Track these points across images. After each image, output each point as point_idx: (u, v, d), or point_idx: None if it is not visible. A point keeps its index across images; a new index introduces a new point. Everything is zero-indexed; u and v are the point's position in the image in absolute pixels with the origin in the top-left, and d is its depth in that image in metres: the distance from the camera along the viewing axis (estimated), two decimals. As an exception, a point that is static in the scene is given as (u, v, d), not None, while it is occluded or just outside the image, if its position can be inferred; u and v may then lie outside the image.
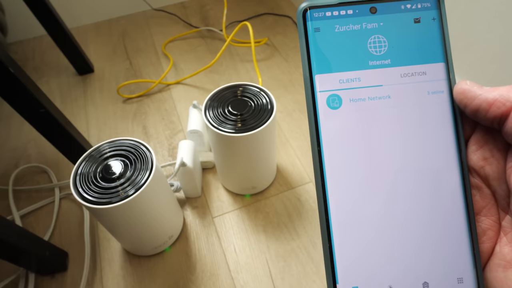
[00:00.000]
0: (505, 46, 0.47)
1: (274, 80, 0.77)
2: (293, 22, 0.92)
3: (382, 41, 0.19)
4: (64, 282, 0.51)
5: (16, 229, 0.44)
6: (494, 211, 0.18)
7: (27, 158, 0.67)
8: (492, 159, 0.18)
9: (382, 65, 0.19)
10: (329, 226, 0.18)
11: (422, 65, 0.19)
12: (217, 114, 0.48)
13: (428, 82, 0.19)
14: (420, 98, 0.19)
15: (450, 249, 0.18)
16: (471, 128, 0.19)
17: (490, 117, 0.16)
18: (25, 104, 0.46)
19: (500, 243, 0.18)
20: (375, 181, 0.18)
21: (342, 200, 0.18)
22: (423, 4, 0.19)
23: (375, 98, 0.19)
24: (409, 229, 0.18)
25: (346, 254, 0.18)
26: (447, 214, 0.18)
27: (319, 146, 0.19)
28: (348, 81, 0.19)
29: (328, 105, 0.19)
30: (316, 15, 0.19)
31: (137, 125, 0.72)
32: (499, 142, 0.18)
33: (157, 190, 0.44)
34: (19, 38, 0.94)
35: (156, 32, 0.93)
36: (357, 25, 0.19)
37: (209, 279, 0.50)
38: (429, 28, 0.19)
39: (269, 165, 0.55)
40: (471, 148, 0.19)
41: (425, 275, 0.18)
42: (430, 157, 0.18)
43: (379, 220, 0.18)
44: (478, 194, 0.18)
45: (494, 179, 0.18)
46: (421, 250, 0.18)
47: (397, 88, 0.19)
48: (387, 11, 0.19)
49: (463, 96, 0.17)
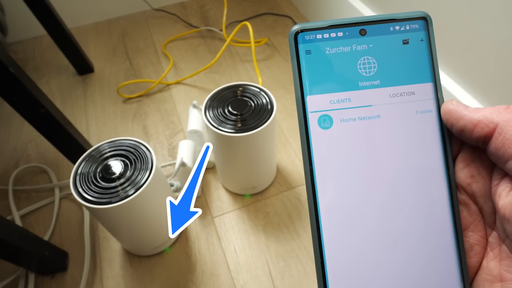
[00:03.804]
0: (505, 46, 0.47)
1: (274, 80, 0.77)
2: (293, 22, 0.92)
3: (371, 62, 0.19)
4: (64, 282, 0.51)
5: (16, 229, 0.44)
6: (481, 227, 0.18)
7: (27, 158, 0.67)
8: (479, 177, 0.18)
9: (371, 86, 0.19)
10: (322, 246, 0.19)
11: (410, 85, 0.19)
12: (217, 114, 0.48)
13: (416, 101, 0.19)
14: (409, 118, 0.19)
15: (438, 264, 0.18)
16: (458, 146, 0.19)
17: (474, 137, 0.17)
18: (25, 104, 0.46)
19: (487, 258, 0.18)
20: (366, 200, 0.19)
21: (333, 219, 0.19)
22: (412, 26, 0.19)
23: (365, 118, 0.19)
24: (398, 244, 0.18)
25: (336, 269, 0.19)
26: (436, 230, 0.19)
27: (311, 165, 0.19)
28: (339, 102, 0.19)
29: (319, 125, 0.19)
30: (307, 38, 0.19)
31: (137, 125, 0.72)
32: (484, 160, 0.18)
33: (157, 190, 0.44)
34: (19, 38, 0.94)
35: (156, 32, 0.93)
36: (347, 47, 0.19)
37: (209, 279, 0.50)
38: (418, 49, 0.19)
39: (269, 165, 0.55)
40: (458, 165, 0.19)
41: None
42: (419, 175, 0.19)
43: (369, 236, 0.19)
44: (466, 210, 0.19)
45: (481, 196, 0.18)
46: (410, 264, 0.18)
47: (387, 108, 0.19)
48: (376, 33, 0.19)
49: (449, 116, 0.18)
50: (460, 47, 0.53)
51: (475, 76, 0.53)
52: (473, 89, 0.54)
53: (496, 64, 0.49)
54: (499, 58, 0.48)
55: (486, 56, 0.50)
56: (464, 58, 0.53)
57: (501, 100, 0.50)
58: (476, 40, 0.51)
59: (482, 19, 0.49)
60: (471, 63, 0.53)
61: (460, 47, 0.53)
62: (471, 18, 0.50)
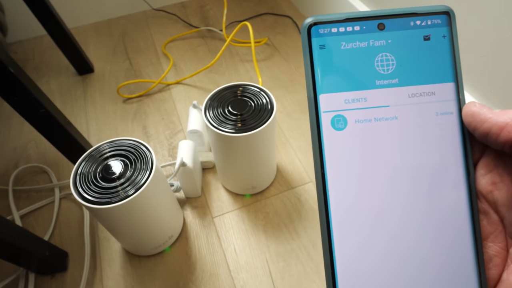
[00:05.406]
0: (505, 46, 0.47)
1: (274, 80, 0.77)
2: (293, 22, 0.92)
3: (390, 60, 0.18)
4: (64, 282, 0.51)
5: (16, 229, 0.44)
6: (502, 238, 0.18)
7: (27, 158, 0.67)
8: (502, 184, 0.17)
9: (389, 85, 0.18)
10: (333, 259, 0.18)
11: (431, 85, 0.18)
12: (217, 114, 0.48)
13: (437, 102, 0.18)
14: (428, 120, 0.18)
15: (456, 275, 0.17)
16: (480, 151, 0.18)
17: (501, 141, 0.16)
18: (25, 104, 0.46)
19: (507, 270, 0.17)
20: (381, 207, 0.18)
21: (347, 227, 0.18)
22: (433, 21, 0.18)
23: (382, 119, 0.18)
24: (415, 253, 0.18)
25: (349, 279, 0.18)
26: (454, 239, 0.18)
27: (323, 169, 0.18)
28: (354, 101, 0.18)
29: (332, 126, 0.18)
30: (322, 32, 0.18)
31: (137, 125, 0.72)
32: (509, 166, 0.17)
33: (157, 190, 0.44)
34: (19, 38, 0.94)
35: (156, 32, 0.93)
36: (364, 42, 0.18)
37: (209, 279, 0.50)
38: (439, 46, 0.18)
39: (269, 165, 0.55)
40: (479, 171, 0.18)
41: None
42: (437, 181, 0.18)
43: (384, 246, 0.18)
44: (486, 220, 0.18)
45: (503, 204, 0.17)
46: (426, 274, 0.17)
47: (405, 109, 0.18)
48: (396, 27, 0.18)
49: (472, 119, 0.17)
50: (460, 47, 0.53)
51: (475, 76, 0.53)
52: (474, 90, 0.54)
53: (497, 64, 0.49)
54: (500, 58, 0.48)
55: (486, 56, 0.50)
56: (464, 58, 0.53)
57: (502, 100, 0.50)
58: (476, 40, 0.51)
59: (482, 19, 0.49)
60: (471, 63, 0.53)
61: (460, 47, 0.53)
62: (471, 18, 0.50)
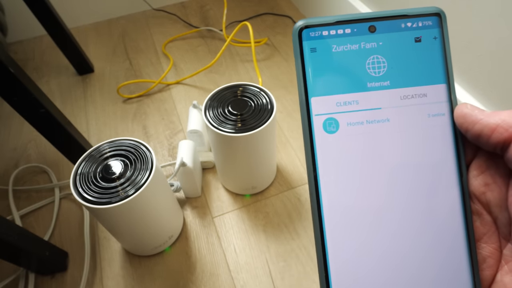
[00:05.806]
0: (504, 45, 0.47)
1: (274, 80, 0.78)
2: (293, 22, 0.92)
3: (381, 62, 0.18)
4: (64, 282, 0.51)
5: (16, 229, 0.44)
6: (495, 239, 0.18)
7: (27, 158, 0.67)
8: (494, 185, 0.17)
9: (381, 87, 0.18)
10: (327, 263, 0.18)
11: (422, 86, 0.18)
12: (217, 114, 0.48)
13: (428, 104, 0.18)
14: (421, 121, 0.18)
15: (449, 276, 0.17)
16: (472, 152, 0.18)
17: (492, 142, 0.16)
18: (25, 104, 0.46)
19: (501, 271, 0.17)
20: (374, 210, 0.18)
21: (340, 231, 0.18)
22: (424, 23, 0.18)
23: (374, 122, 0.18)
24: (409, 255, 0.18)
25: (342, 281, 0.18)
26: (447, 240, 0.18)
27: (315, 171, 0.18)
28: (346, 104, 0.18)
29: (324, 129, 0.18)
30: (313, 35, 0.18)
31: (137, 125, 0.72)
32: (501, 168, 0.17)
33: (157, 190, 0.44)
34: (19, 38, 0.94)
35: (156, 32, 0.93)
36: (355, 45, 0.18)
37: (209, 279, 0.50)
38: (431, 47, 0.18)
39: (269, 165, 0.55)
40: (472, 173, 0.18)
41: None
42: (430, 182, 0.18)
43: (377, 248, 0.18)
44: (479, 221, 0.18)
45: (496, 205, 0.17)
46: (419, 276, 0.17)
47: (397, 111, 0.18)
48: (387, 29, 0.18)
49: (463, 120, 0.17)
50: (459, 46, 0.53)
51: (474, 76, 0.53)
52: (473, 89, 0.54)
53: (496, 63, 0.49)
54: (498, 58, 0.48)
55: (484, 56, 0.50)
56: (463, 58, 0.53)
57: (501, 100, 0.50)
58: (475, 40, 0.51)
59: (481, 18, 0.49)
60: (469, 62, 0.53)
61: (459, 47, 0.53)
62: (470, 18, 0.50)
